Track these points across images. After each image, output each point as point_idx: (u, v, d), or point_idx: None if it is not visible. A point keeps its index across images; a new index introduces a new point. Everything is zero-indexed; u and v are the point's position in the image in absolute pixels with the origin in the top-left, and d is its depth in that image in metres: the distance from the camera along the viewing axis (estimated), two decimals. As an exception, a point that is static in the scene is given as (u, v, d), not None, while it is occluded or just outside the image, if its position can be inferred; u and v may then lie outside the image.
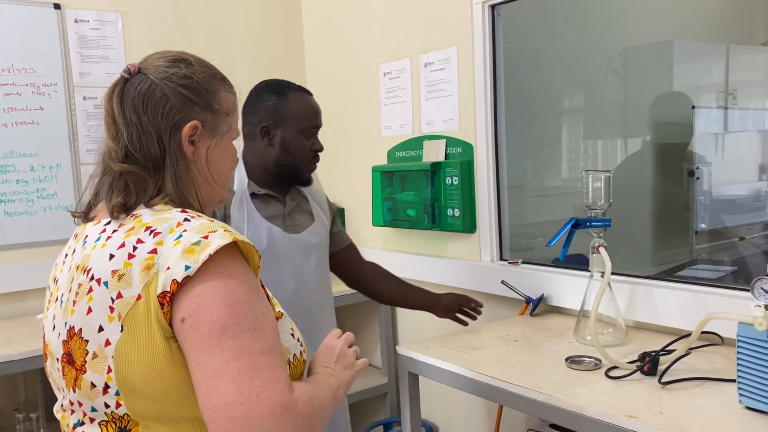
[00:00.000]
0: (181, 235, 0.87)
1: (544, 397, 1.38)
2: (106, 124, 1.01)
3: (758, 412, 1.22)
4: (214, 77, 1.05)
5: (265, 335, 0.85)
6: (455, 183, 2.35)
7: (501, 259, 2.33)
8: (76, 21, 2.61)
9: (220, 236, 0.87)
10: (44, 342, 1.00)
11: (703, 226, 2.30)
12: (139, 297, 0.86)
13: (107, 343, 0.87)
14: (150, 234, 0.89)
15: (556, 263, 2.16)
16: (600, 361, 1.53)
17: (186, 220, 0.91)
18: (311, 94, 1.78)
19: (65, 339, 0.92)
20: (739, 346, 1.24)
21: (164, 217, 0.92)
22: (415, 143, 2.58)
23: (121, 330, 0.86)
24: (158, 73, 1.00)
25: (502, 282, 2.14)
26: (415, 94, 2.57)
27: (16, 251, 2.50)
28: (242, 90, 3.02)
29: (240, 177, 1.71)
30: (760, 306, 1.19)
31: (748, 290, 1.21)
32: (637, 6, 2.30)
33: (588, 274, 1.74)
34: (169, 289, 0.84)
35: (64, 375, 0.93)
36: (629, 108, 2.44)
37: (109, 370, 0.87)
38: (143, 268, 0.86)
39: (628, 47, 2.42)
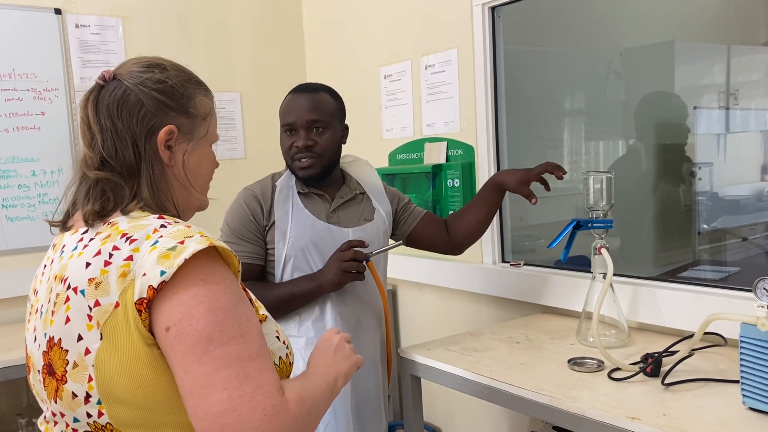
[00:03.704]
0: (157, 241, 0.87)
1: (546, 399, 1.38)
2: (81, 131, 1.01)
3: (762, 413, 1.21)
4: (189, 81, 1.05)
5: (251, 340, 0.85)
6: (456, 185, 2.35)
7: (503, 261, 2.33)
8: (77, 26, 2.61)
9: (196, 241, 0.86)
10: (27, 354, 1.00)
11: (705, 226, 2.29)
12: (117, 305, 0.85)
13: (87, 351, 0.86)
14: (126, 241, 0.88)
15: (558, 265, 2.15)
16: (602, 362, 1.52)
17: (162, 226, 0.90)
18: (306, 91, 1.72)
19: (45, 350, 0.91)
20: (742, 347, 1.23)
21: (141, 223, 0.91)
22: (416, 145, 2.58)
23: (101, 338, 0.85)
24: (132, 78, 0.99)
25: None
26: (416, 97, 2.57)
27: (18, 256, 2.51)
28: (243, 93, 3.05)
29: (288, 174, 1.75)
30: (762, 306, 1.18)
31: (750, 291, 1.21)
32: (638, 7, 2.30)
33: (590, 275, 1.74)
34: (145, 296, 0.83)
35: (45, 386, 0.92)
36: (630, 109, 2.44)
37: (90, 379, 0.86)
38: (119, 275, 0.85)
39: (629, 48, 2.42)
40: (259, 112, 3.05)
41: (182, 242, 0.86)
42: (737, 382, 1.26)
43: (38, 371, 0.94)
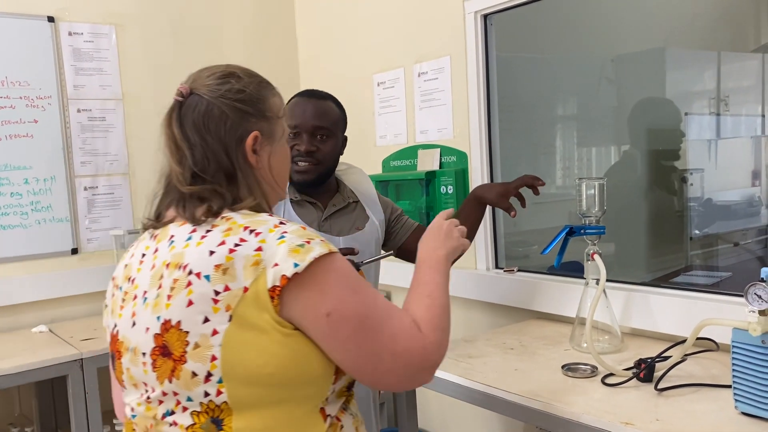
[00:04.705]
0: (282, 236, 0.94)
1: (540, 405, 1.38)
2: (168, 148, 1.04)
3: (754, 418, 1.22)
4: (261, 84, 1.09)
5: (381, 301, 0.99)
6: (450, 191, 2.36)
7: (497, 267, 2.33)
8: (70, 34, 2.61)
9: (318, 245, 0.95)
10: (115, 340, 1.03)
11: (696, 232, 2.30)
12: (245, 289, 0.91)
13: (214, 332, 0.91)
14: (251, 233, 0.94)
15: (552, 271, 2.16)
16: (596, 368, 1.53)
17: (281, 223, 0.97)
18: (314, 98, 1.74)
19: (157, 332, 0.95)
20: (734, 352, 1.24)
21: (258, 219, 0.97)
22: (410, 152, 2.59)
23: (229, 320, 0.91)
24: (212, 92, 1.03)
25: None
26: (409, 104, 2.58)
27: (11, 264, 2.49)
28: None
29: None
30: (754, 312, 1.19)
31: (742, 296, 1.22)
32: (629, 14, 2.32)
33: (583, 281, 1.75)
34: (279, 284, 0.91)
35: (156, 368, 0.95)
36: (622, 115, 2.45)
37: (214, 359, 0.91)
38: (251, 264, 0.91)
39: (621, 55, 2.43)
40: (253, 119, 3.05)
41: (308, 242, 0.94)
42: (729, 386, 1.27)
43: (143, 354, 0.97)
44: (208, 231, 0.96)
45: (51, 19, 2.57)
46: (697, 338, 1.39)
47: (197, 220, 0.98)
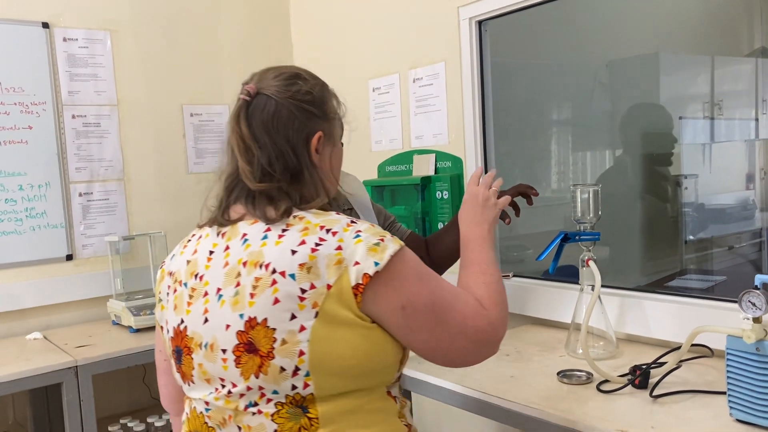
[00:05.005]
0: (358, 235, 0.98)
1: (536, 413, 1.38)
2: (237, 147, 1.06)
3: (749, 425, 1.22)
4: (324, 87, 1.15)
5: (447, 286, 1.06)
6: (445, 197, 2.36)
7: (492, 272, 2.33)
8: (64, 39, 2.61)
9: (391, 242, 1.00)
10: (183, 335, 1.05)
11: (691, 237, 2.31)
12: (329, 287, 0.95)
13: (302, 328, 0.95)
14: (328, 233, 0.98)
15: (547, 276, 2.16)
16: (591, 375, 1.53)
17: (352, 222, 1.01)
18: None
19: (241, 330, 0.97)
20: (728, 359, 1.24)
21: (330, 218, 1.01)
22: (405, 158, 2.59)
23: (315, 316, 0.95)
24: (280, 93, 1.08)
25: None
26: (405, 109, 2.58)
27: (5, 271, 2.48)
28: (232, 106, 3.04)
29: None
30: (748, 319, 1.20)
31: (736, 302, 1.22)
32: (623, 19, 2.33)
33: (578, 286, 1.75)
34: (362, 282, 0.96)
35: (239, 364, 0.98)
36: (617, 120, 2.46)
37: (301, 354, 0.95)
38: (334, 263, 0.96)
39: (615, 60, 2.44)
40: (248, 125, 3.04)
41: (382, 240, 0.99)
42: (724, 393, 1.27)
43: (222, 350, 0.99)
44: (284, 230, 0.99)
45: (45, 25, 2.57)
46: (692, 345, 1.39)
47: (271, 219, 1.01)
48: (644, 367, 1.47)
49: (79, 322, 2.61)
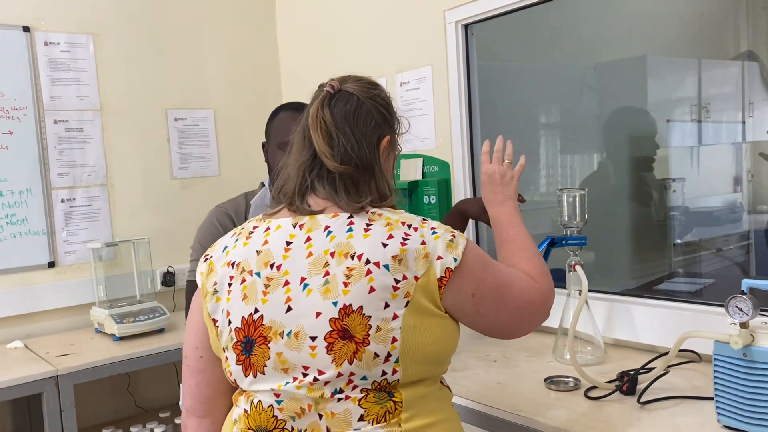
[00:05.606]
0: (434, 231, 1.06)
1: (523, 420, 1.36)
2: (318, 130, 1.10)
3: (737, 431, 1.21)
4: (392, 101, 1.22)
5: (502, 266, 1.15)
6: (433, 201, 2.34)
7: (480, 277, 2.32)
8: (46, 44, 2.57)
9: (459, 236, 1.08)
10: (258, 325, 1.05)
11: (679, 240, 2.30)
12: (416, 278, 1.02)
13: (394, 317, 1.00)
14: (410, 228, 1.05)
15: (535, 280, 2.14)
16: (579, 381, 1.51)
17: (425, 219, 1.08)
18: (303, 111, 1.73)
19: (335, 317, 1.00)
20: (715, 365, 1.23)
21: (406, 216, 1.08)
22: (392, 162, 2.57)
23: (406, 305, 1.01)
24: (363, 92, 1.13)
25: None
26: (391, 113, 2.56)
27: (-14, 279, 2.44)
28: (217, 110, 3.02)
29: (263, 194, 1.72)
30: (735, 324, 1.18)
31: (723, 306, 1.21)
32: (611, 22, 2.33)
33: (565, 291, 1.73)
34: (445, 275, 1.03)
35: (332, 350, 1.00)
36: (604, 123, 2.45)
37: (394, 341, 1.00)
38: (422, 256, 1.02)
39: (603, 63, 2.44)
40: (233, 129, 3.02)
41: (453, 236, 1.07)
42: (712, 399, 1.26)
43: (311, 338, 1.02)
44: (368, 224, 1.05)
45: (26, 29, 2.53)
46: (680, 350, 1.38)
47: (356, 208, 1.07)
48: (632, 373, 1.45)
49: (61, 330, 2.57)
